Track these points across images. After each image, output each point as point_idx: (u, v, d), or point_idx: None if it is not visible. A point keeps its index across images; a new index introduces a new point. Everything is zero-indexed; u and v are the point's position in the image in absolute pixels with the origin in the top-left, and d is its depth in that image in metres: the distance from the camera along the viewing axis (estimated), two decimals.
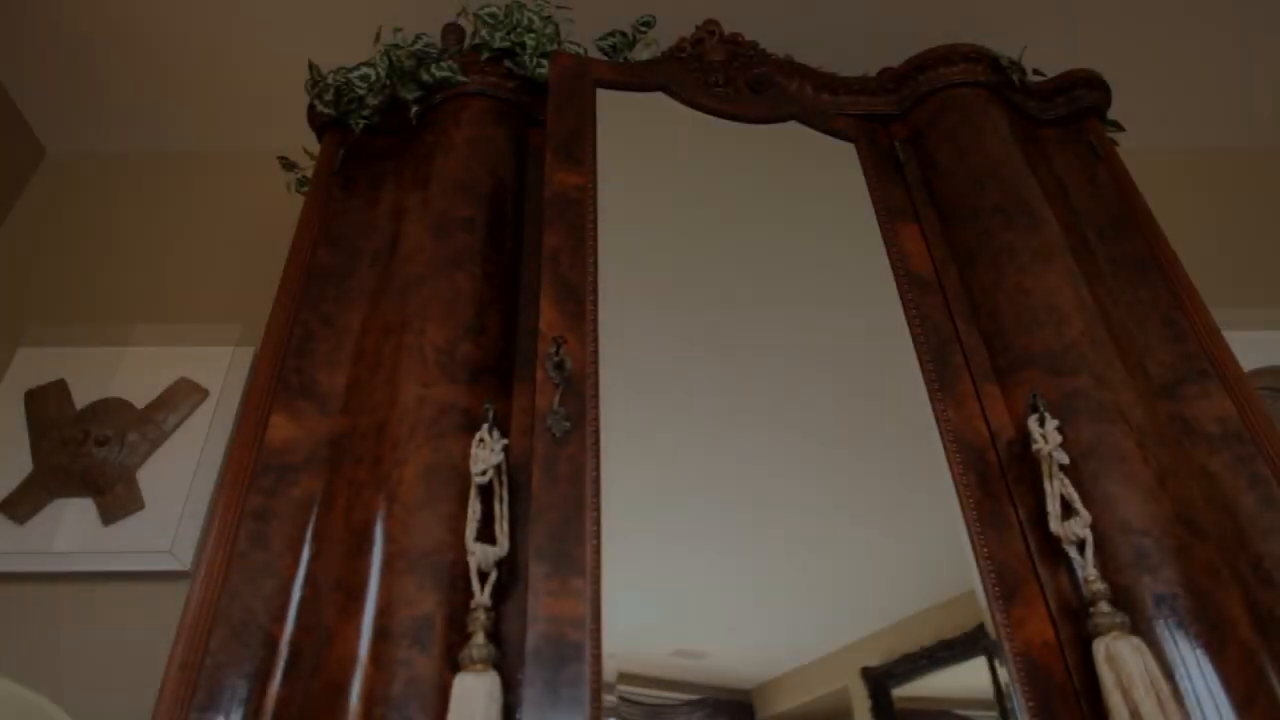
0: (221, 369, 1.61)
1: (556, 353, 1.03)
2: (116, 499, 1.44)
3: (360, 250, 1.31)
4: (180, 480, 1.46)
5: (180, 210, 1.97)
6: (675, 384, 1.13)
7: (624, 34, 1.40)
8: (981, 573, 1.01)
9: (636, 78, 1.39)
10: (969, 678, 0.97)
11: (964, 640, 0.98)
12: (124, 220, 1.96)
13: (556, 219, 1.19)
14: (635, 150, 1.33)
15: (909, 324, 1.22)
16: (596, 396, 1.05)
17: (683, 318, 1.19)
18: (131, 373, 1.59)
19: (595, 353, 1.08)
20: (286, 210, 1.61)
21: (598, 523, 0.96)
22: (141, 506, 1.44)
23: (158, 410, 1.53)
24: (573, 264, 1.15)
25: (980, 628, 0.98)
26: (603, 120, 1.33)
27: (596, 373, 1.06)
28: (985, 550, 1.02)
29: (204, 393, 1.56)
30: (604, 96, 1.36)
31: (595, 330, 1.10)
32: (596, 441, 1.01)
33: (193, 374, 1.58)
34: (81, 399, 1.58)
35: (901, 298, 1.25)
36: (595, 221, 1.21)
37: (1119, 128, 1.55)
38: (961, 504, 1.06)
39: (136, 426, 1.51)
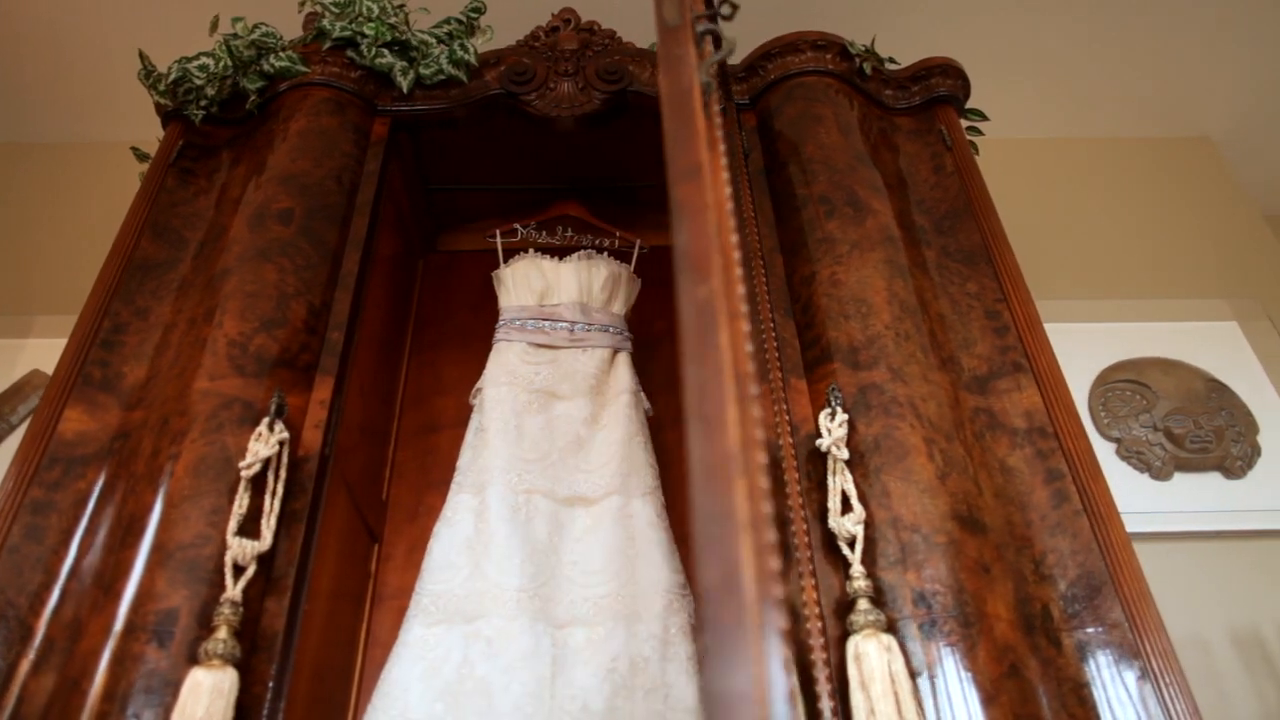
0: None
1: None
2: None
3: (188, 242, 1.30)
4: None
5: (36, 202, 1.96)
6: None
7: (460, 20, 1.37)
8: (790, 549, 1.01)
9: None
10: None
11: None
12: None
13: None
14: None
15: (750, 304, 1.22)
16: None
17: None
18: None
19: None
20: None
21: None
22: None
23: (6, 403, 1.52)
24: None
25: None
26: None
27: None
28: (797, 527, 1.02)
29: None
30: None
31: None
32: None
33: (47, 366, 1.57)
34: None
35: (746, 278, 1.25)
36: None
37: (982, 117, 1.52)
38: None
39: None
